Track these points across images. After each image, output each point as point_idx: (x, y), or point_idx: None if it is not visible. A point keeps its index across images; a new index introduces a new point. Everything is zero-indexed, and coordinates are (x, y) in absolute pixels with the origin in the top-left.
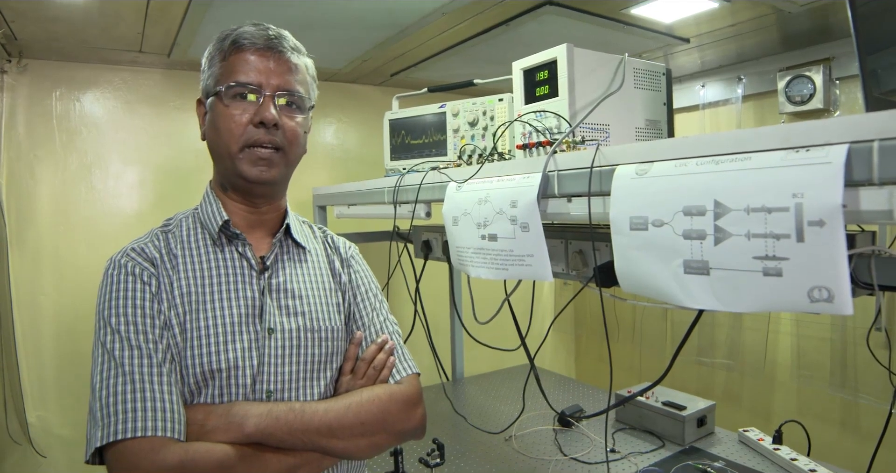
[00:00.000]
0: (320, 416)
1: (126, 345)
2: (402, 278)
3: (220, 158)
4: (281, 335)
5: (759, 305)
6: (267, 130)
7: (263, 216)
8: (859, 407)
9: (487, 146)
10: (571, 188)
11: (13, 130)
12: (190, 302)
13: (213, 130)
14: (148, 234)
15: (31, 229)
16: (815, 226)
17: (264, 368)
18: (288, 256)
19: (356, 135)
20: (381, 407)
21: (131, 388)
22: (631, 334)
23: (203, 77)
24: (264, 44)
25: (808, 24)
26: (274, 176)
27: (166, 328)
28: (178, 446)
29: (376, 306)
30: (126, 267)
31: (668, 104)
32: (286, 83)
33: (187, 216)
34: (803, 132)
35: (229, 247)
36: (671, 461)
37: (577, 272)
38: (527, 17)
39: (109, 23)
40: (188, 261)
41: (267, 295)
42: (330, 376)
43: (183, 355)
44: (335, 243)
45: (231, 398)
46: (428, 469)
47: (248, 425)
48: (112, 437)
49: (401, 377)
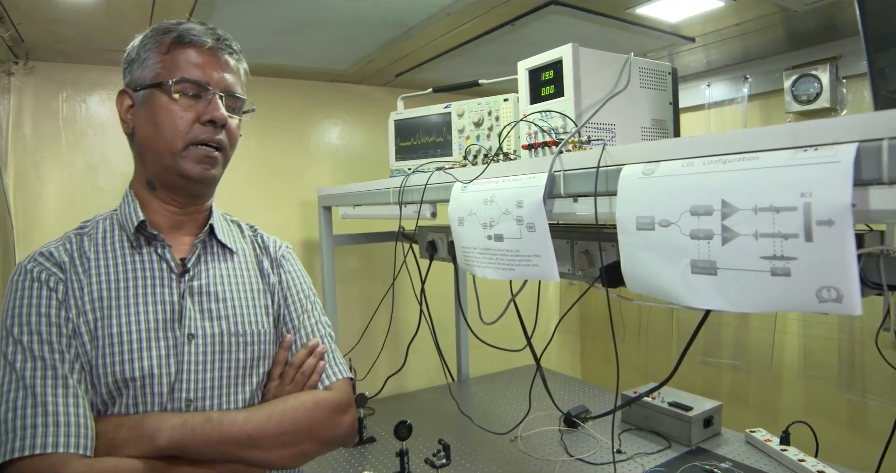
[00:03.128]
0: (239, 426)
1: (28, 357)
2: (407, 278)
3: (157, 154)
4: (203, 340)
5: (767, 305)
6: (215, 129)
7: (190, 216)
8: (867, 408)
9: (493, 146)
10: (577, 188)
11: (20, 132)
12: (102, 308)
13: (150, 125)
14: (61, 237)
15: (37, 229)
16: (824, 225)
17: (183, 375)
18: (212, 257)
19: (361, 135)
20: (307, 415)
21: (32, 402)
22: (637, 334)
23: (133, 67)
24: (213, 43)
25: (815, 22)
26: (214, 175)
27: (74, 337)
28: (82, 462)
29: (307, 307)
30: (32, 273)
31: (673, 104)
32: (231, 85)
33: (105, 218)
34: (811, 131)
35: (148, 249)
36: (678, 461)
37: (584, 272)
38: (532, 16)
39: (114, 24)
40: (101, 264)
41: (188, 299)
42: (256, 382)
43: (94, 363)
44: (265, 242)
45: (147, 408)
46: (434, 469)
47: (161, 437)
48: (9, 455)
49: (331, 383)
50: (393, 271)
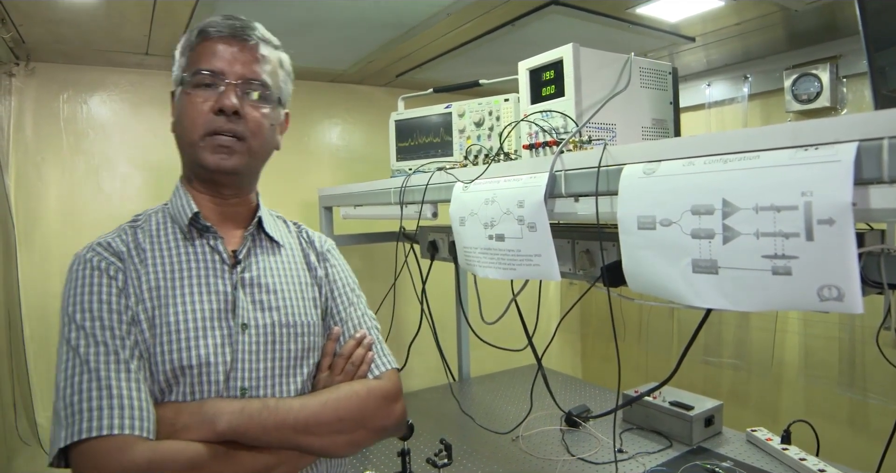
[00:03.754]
0: (295, 413)
1: (91, 341)
2: (408, 278)
3: (183, 147)
4: (255, 330)
5: (768, 304)
6: (228, 119)
7: (233, 209)
8: (868, 407)
9: (494, 146)
10: (578, 188)
11: (21, 133)
12: (159, 297)
13: (177, 120)
14: (115, 229)
15: (39, 230)
16: (825, 224)
17: (238, 364)
18: (261, 250)
19: (362, 136)
20: (360, 403)
21: (97, 385)
22: (638, 333)
23: (173, 70)
24: (229, 32)
25: (815, 21)
26: (235, 165)
27: (134, 324)
28: (146, 444)
29: (353, 300)
30: (91, 262)
31: (674, 103)
32: (251, 72)
33: (157, 211)
34: (812, 130)
35: (200, 240)
36: (679, 461)
37: (585, 272)
38: (532, 16)
39: (115, 25)
40: (157, 255)
41: (240, 289)
42: (307, 372)
43: (152, 351)
44: (310, 237)
45: (203, 395)
46: (436, 469)
47: (221, 422)
48: (76, 436)
49: (380, 373)
50: (394, 272)
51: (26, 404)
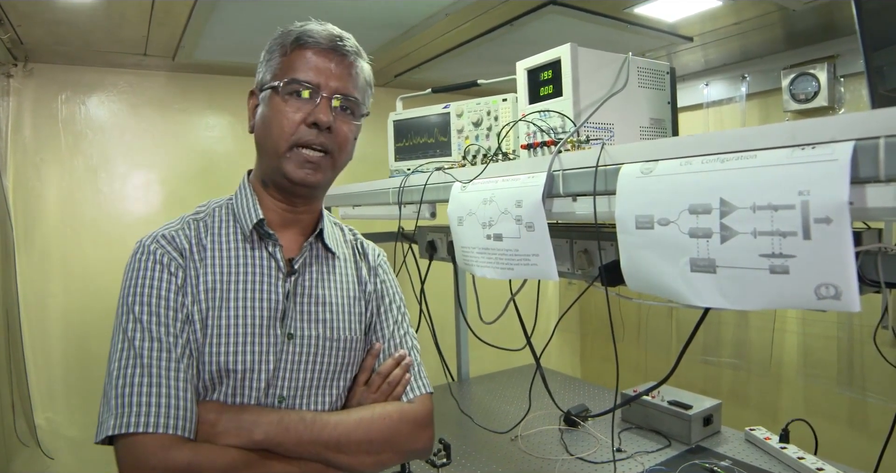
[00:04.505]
0: (330, 429)
1: (147, 336)
2: (407, 278)
3: (266, 154)
4: (300, 341)
5: (765, 302)
6: (319, 132)
7: (299, 216)
8: (867, 406)
9: (492, 146)
10: (576, 188)
11: (19, 134)
12: (214, 298)
13: (263, 124)
14: (179, 220)
15: (38, 231)
16: (822, 223)
17: (279, 373)
18: (316, 260)
19: (360, 136)
20: (391, 426)
21: (148, 381)
22: (636, 333)
23: (260, 69)
24: (328, 44)
25: (812, 21)
26: (319, 180)
27: (188, 323)
28: (188, 446)
29: (398, 319)
30: (155, 254)
31: (672, 103)
32: (344, 87)
33: (221, 206)
34: (809, 130)
35: (260, 245)
36: (678, 460)
37: (583, 272)
38: (530, 17)
39: (114, 25)
40: (216, 255)
41: (291, 299)
42: (343, 385)
43: (201, 351)
44: (364, 249)
45: (243, 400)
46: (434, 469)
47: (258, 432)
48: (124, 429)
49: (414, 396)
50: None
51: (25, 405)
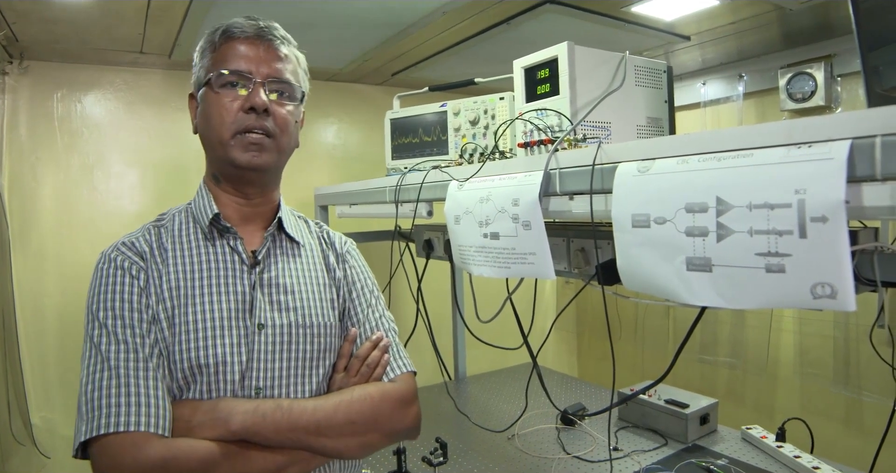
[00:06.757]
0: (308, 414)
1: (113, 339)
2: (404, 277)
3: (212, 147)
4: (272, 330)
5: (762, 301)
6: (258, 116)
7: (257, 209)
8: (862, 405)
9: (489, 145)
10: (573, 186)
11: (15, 132)
12: (179, 296)
13: (204, 120)
14: (140, 228)
15: (33, 230)
16: (818, 222)
17: (253, 364)
18: (281, 250)
19: (357, 134)
20: (373, 406)
21: (116, 383)
22: (633, 332)
23: (194, 71)
24: (254, 32)
25: (809, 21)
26: (266, 161)
27: (154, 323)
28: (161, 442)
29: (372, 302)
30: (115, 261)
31: (669, 102)
32: (276, 71)
33: (180, 211)
34: (805, 128)
35: (220, 241)
36: (674, 459)
37: (580, 270)
38: (527, 15)
39: (111, 23)
40: (178, 255)
41: (258, 290)
42: (322, 373)
43: (171, 349)
44: (331, 238)
45: (219, 394)
46: (431, 467)
47: (234, 422)
48: (95, 431)
49: (395, 376)
50: (389, 270)
51: (21, 404)
